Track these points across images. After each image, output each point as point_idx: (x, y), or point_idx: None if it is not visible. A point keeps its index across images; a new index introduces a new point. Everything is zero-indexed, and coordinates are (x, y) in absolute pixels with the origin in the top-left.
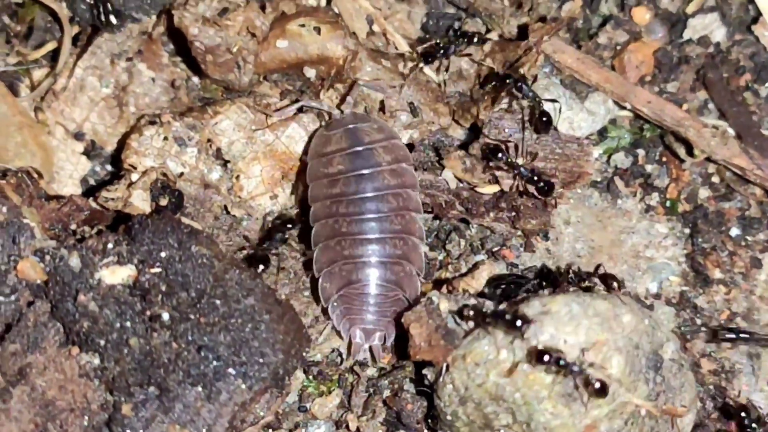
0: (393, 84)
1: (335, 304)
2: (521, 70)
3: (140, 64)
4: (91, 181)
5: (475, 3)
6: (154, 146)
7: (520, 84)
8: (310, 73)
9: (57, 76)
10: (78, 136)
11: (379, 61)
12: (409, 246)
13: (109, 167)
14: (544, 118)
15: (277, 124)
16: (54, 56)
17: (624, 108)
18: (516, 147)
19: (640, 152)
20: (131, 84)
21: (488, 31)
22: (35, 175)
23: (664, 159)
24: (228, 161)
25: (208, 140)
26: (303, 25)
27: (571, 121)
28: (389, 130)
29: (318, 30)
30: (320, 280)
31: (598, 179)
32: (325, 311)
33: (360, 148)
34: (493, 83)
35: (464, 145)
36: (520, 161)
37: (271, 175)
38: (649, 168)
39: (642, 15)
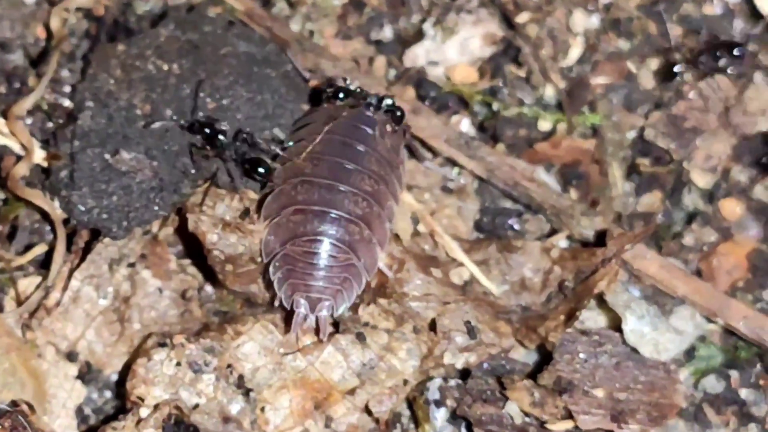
0: (446, 299)
1: (277, 264)
2: (599, 286)
3: (144, 271)
4: (88, 411)
5: (538, 198)
6: (164, 373)
7: None
8: None
9: (49, 288)
10: (71, 356)
11: (429, 272)
12: (373, 213)
13: (108, 394)
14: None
15: (311, 347)
16: (43, 262)
17: (714, 322)
18: None
19: (734, 374)
20: (134, 295)
21: (554, 232)
22: (28, 411)
23: (761, 382)
24: (251, 390)
25: (228, 366)
26: None
27: (656, 342)
28: None
29: None
30: (265, 231)
31: (684, 405)
32: (267, 271)
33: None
34: None
35: (531, 373)
36: None
37: (302, 407)
38: (744, 393)
39: (732, 208)
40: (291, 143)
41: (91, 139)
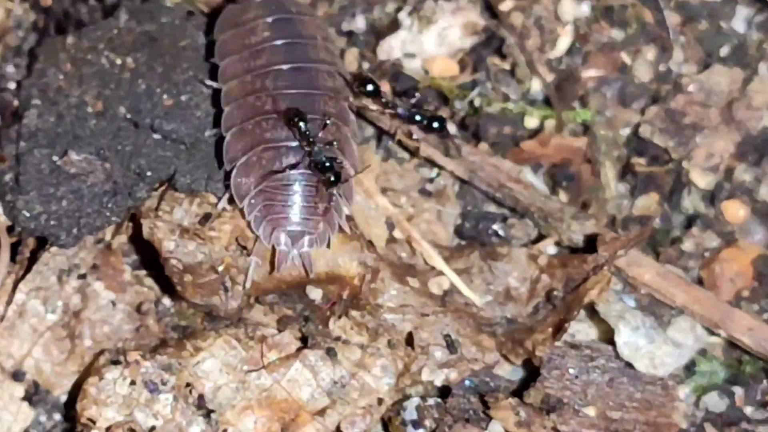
0: (424, 311)
1: (252, 201)
2: (590, 295)
3: (96, 283)
4: None
5: (524, 200)
6: (118, 393)
7: None
8: (315, 294)
9: None
10: (17, 376)
11: (406, 281)
12: (342, 135)
13: (58, 416)
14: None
15: (276, 364)
16: None
17: (716, 335)
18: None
19: (738, 391)
20: (85, 309)
21: (542, 238)
22: None
23: None
24: (213, 411)
25: (188, 384)
26: None
27: (652, 356)
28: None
29: None
30: (233, 174)
31: (684, 425)
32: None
33: (290, 16)
34: None
35: (516, 390)
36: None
37: (268, 429)
38: (749, 411)
39: (735, 211)
40: (224, 83)
41: (39, 140)
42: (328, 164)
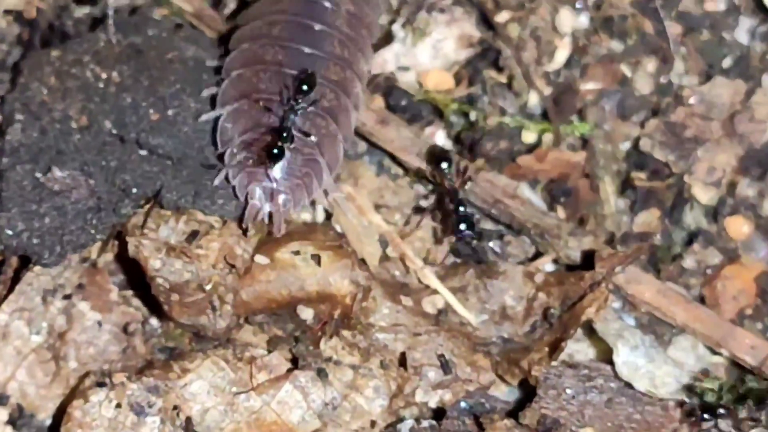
0: (417, 330)
1: (234, 150)
2: (587, 313)
3: (81, 303)
4: None
5: (521, 217)
6: (103, 416)
7: None
8: (307, 313)
9: None
10: (0, 399)
11: (399, 300)
12: (340, 104)
13: None
14: None
15: (266, 386)
16: None
17: (719, 354)
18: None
19: (743, 413)
20: (70, 330)
21: (539, 255)
22: None
23: None
24: None
25: (175, 407)
26: (297, 252)
27: (652, 376)
28: None
29: (317, 259)
30: (222, 118)
31: None
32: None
33: None
34: None
35: (512, 411)
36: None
37: None
38: None
39: (739, 227)
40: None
41: (21, 155)
42: (284, 134)
